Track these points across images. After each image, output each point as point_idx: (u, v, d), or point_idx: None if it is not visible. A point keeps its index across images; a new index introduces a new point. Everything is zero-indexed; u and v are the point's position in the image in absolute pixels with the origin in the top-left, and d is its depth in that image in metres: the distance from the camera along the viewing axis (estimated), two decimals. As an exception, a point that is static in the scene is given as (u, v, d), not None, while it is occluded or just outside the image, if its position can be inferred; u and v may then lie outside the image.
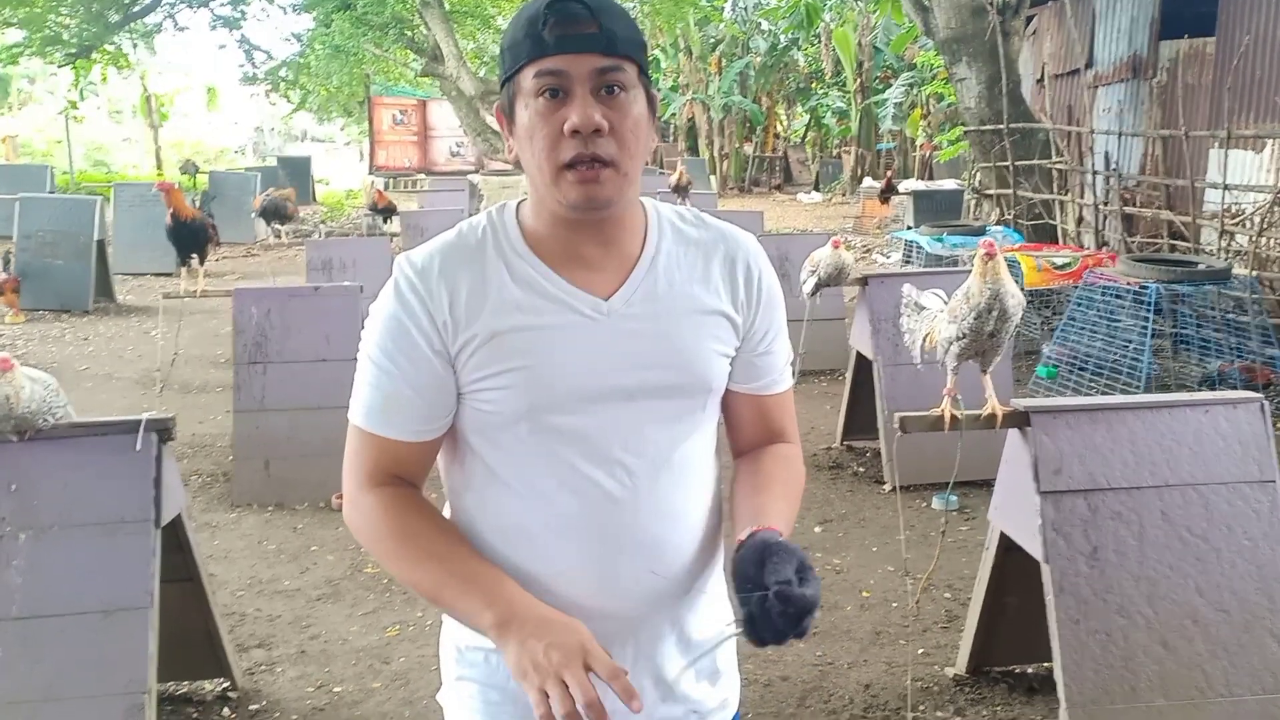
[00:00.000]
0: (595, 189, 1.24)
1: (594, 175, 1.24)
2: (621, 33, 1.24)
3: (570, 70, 1.22)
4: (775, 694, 3.26)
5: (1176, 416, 2.80)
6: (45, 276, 9.81)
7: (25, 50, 19.03)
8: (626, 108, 1.25)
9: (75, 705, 2.61)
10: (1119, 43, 10.66)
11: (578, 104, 1.22)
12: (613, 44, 1.23)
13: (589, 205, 1.26)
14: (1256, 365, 6.10)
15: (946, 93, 15.97)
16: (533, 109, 1.24)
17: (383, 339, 1.30)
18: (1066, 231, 9.37)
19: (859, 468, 5.45)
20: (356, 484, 1.34)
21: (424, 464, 1.36)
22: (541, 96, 1.23)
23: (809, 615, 1.16)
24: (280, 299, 5.15)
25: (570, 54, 1.22)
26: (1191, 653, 2.66)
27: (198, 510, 4.86)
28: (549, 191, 1.27)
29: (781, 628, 1.15)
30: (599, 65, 1.22)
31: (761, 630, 1.16)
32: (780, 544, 1.22)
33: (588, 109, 1.22)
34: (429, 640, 3.58)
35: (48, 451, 2.76)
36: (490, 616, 1.20)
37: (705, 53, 25.19)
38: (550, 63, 1.22)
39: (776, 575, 1.17)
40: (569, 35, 1.21)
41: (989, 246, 2.91)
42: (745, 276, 1.39)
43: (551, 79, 1.22)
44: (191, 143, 33.89)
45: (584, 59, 1.22)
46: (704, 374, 1.35)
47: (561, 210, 1.28)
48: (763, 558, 1.20)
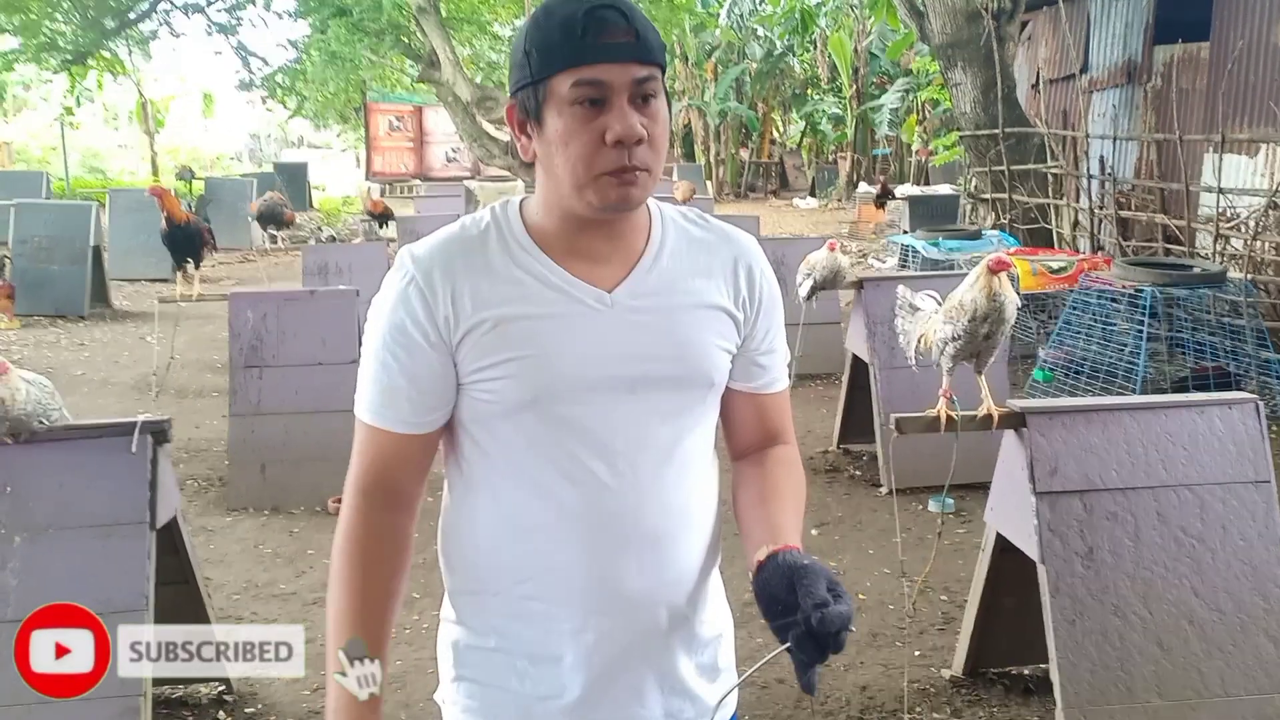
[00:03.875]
0: (633, 191, 1.26)
1: (633, 179, 1.25)
2: (653, 40, 1.24)
3: (610, 80, 1.21)
4: (772, 696, 3.26)
5: (1171, 417, 2.81)
6: (41, 282, 9.79)
7: (20, 56, 19.01)
8: (659, 114, 1.26)
9: (70, 708, 2.60)
10: (1114, 48, 10.69)
11: (618, 114, 1.22)
12: (649, 52, 1.23)
13: (623, 206, 1.27)
14: (1227, 366, 6.11)
15: (942, 98, 16.01)
16: (569, 116, 1.23)
17: (382, 332, 1.31)
18: (1062, 235, 9.39)
19: (855, 471, 5.45)
20: (353, 482, 1.36)
21: (422, 461, 1.36)
22: (579, 104, 1.23)
23: (847, 629, 1.15)
24: (276, 303, 5.15)
25: (610, 63, 1.21)
26: (1187, 653, 2.67)
27: (194, 514, 4.85)
28: (575, 195, 1.26)
29: (824, 646, 1.14)
30: (638, 75, 1.22)
31: (807, 652, 1.15)
32: (808, 566, 1.20)
33: (630, 120, 1.22)
34: (425, 643, 3.57)
35: (43, 454, 2.76)
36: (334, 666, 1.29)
37: (701, 59, 25.23)
38: (590, 72, 1.21)
39: (812, 598, 1.15)
40: (609, 44, 1.21)
41: (998, 264, 2.91)
42: (747, 277, 1.39)
43: (591, 89, 1.22)
44: (188, 149, 33.86)
45: (624, 68, 1.22)
46: (706, 367, 1.35)
47: (587, 212, 1.28)
48: (791, 581, 1.18)
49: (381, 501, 1.34)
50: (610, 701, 1.34)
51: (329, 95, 21.25)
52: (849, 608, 1.16)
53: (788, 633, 1.16)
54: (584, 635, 1.32)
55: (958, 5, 9.75)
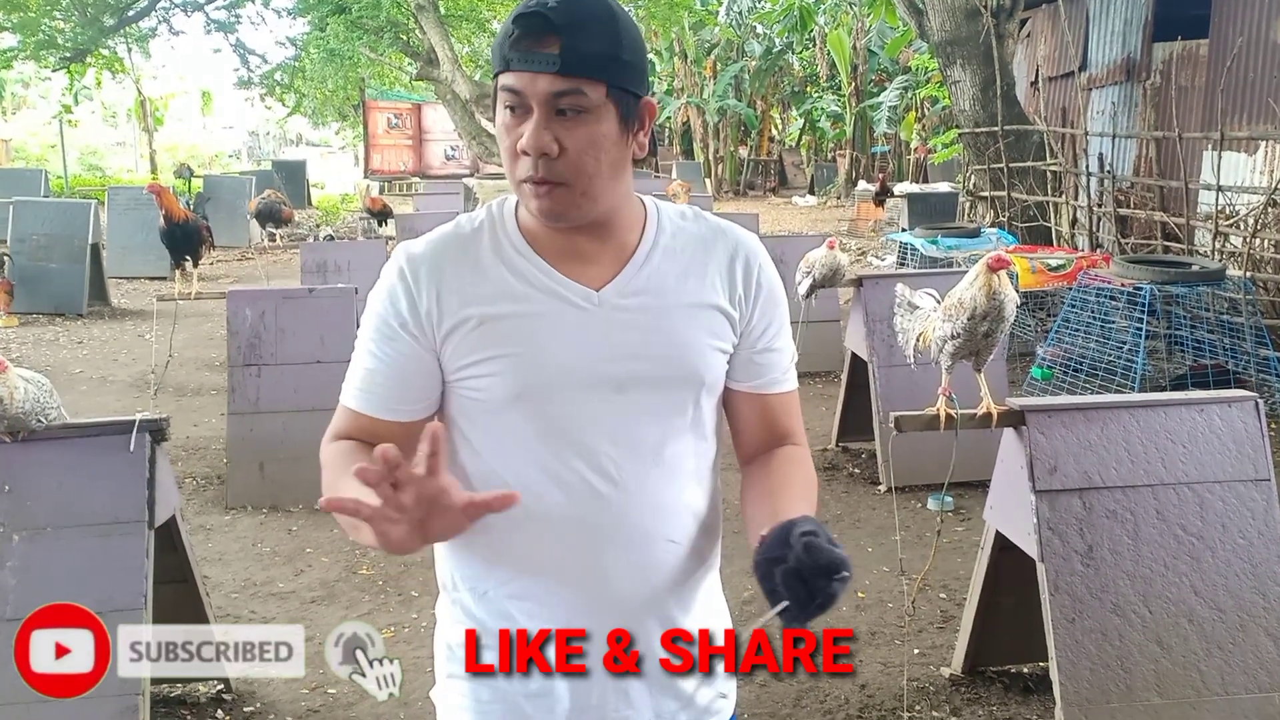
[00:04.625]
0: (548, 204, 1.25)
1: (546, 193, 1.25)
2: (588, 49, 1.20)
3: (526, 90, 1.21)
4: (771, 694, 3.26)
5: (1171, 415, 2.81)
6: (39, 280, 9.78)
7: (19, 54, 19.02)
8: (584, 129, 1.22)
9: (69, 706, 2.59)
10: (1112, 45, 10.69)
11: (531, 125, 1.22)
12: (572, 65, 1.19)
13: (548, 219, 1.28)
14: (1226, 364, 6.12)
15: (941, 96, 16.01)
16: (500, 118, 1.26)
17: (369, 323, 1.33)
18: (1061, 233, 9.39)
19: (854, 469, 5.45)
20: (326, 441, 1.36)
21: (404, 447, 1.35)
22: (506, 109, 1.24)
23: (839, 574, 1.10)
24: (274, 301, 5.14)
25: (527, 72, 1.21)
26: (1187, 651, 2.67)
27: (192, 513, 4.85)
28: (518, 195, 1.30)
29: (810, 585, 1.09)
30: (555, 88, 1.20)
31: (794, 593, 1.10)
32: (805, 517, 1.17)
33: (538, 132, 1.21)
34: (424, 642, 3.57)
35: (41, 452, 2.76)
36: None
37: (700, 56, 25.21)
38: (509, 79, 1.22)
39: (801, 530, 1.13)
40: (527, 54, 1.20)
41: (997, 262, 2.91)
42: (744, 272, 1.37)
43: (511, 95, 1.23)
44: (186, 147, 33.87)
45: (540, 79, 1.20)
46: (696, 367, 1.33)
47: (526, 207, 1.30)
48: (786, 534, 1.14)
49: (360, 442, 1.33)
50: (599, 703, 1.34)
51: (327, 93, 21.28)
52: (842, 554, 1.11)
53: (776, 580, 1.11)
54: None
55: (957, 2, 9.74)
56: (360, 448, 1.31)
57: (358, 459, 1.24)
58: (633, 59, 1.25)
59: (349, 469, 1.19)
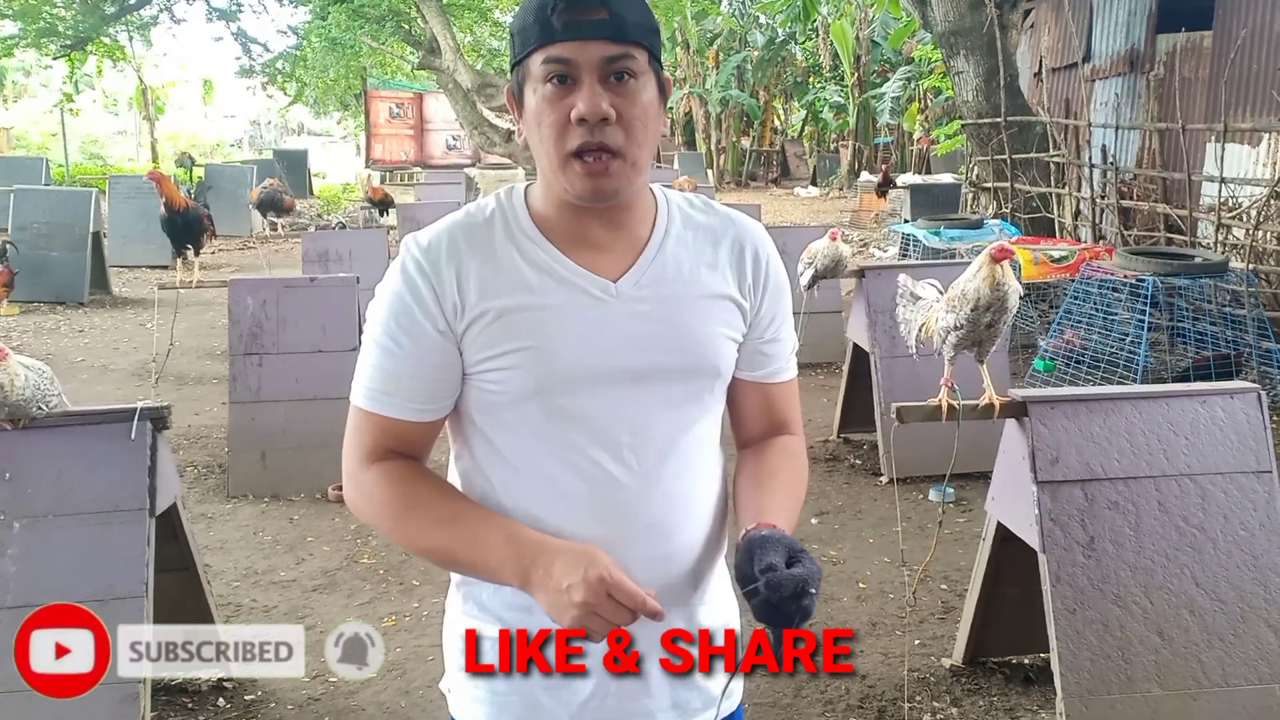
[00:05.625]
0: (603, 181, 1.24)
1: (602, 167, 1.24)
2: (631, 17, 1.22)
3: (578, 58, 1.21)
4: (772, 685, 3.26)
5: (1173, 407, 2.80)
6: (40, 268, 9.78)
7: (20, 42, 18.98)
8: (635, 95, 1.24)
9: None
10: (1116, 36, 10.65)
11: (585, 92, 1.21)
12: (622, 30, 1.21)
13: (595, 197, 1.26)
14: (1229, 353, 6.11)
15: (944, 86, 15.95)
16: (540, 94, 1.23)
17: (387, 319, 1.29)
18: (1063, 225, 9.37)
19: (856, 460, 5.45)
20: (356, 460, 1.33)
21: (426, 442, 1.36)
22: (549, 83, 1.22)
23: (806, 593, 1.15)
24: (276, 290, 5.14)
25: (578, 40, 1.20)
26: (1188, 642, 2.67)
27: (193, 501, 4.85)
28: (555, 178, 1.27)
29: (783, 610, 1.16)
30: (608, 53, 1.21)
31: (769, 618, 1.17)
32: (765, 536, 1.22)
33: (595, 97, 1.21)
34: (425, 630, 3.57)
35: (42, 440, 2.75)
36: (510, 571, 1.22)
37: (703, 46, 25.15)
38: (558, 49, 1.21)
39: (762, 565, 1.18)
40: (577, 21, 1.20)
41: (1001, 252, 2.90)
42: (753, 262, 1.38)
43: (559, 66, 1.21)
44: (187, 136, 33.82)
45: (592, 46, 1.20)
46: (712, 358, 1.34)
47: (570, 199, 1.28)
48: (751, 553, 1.20)
49: (390, 457, 1.33)
50: (617, 692, 1.33)
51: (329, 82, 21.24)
52: (806, 570, 1.17)
53: (752, 611, 1.19)
54: None
55: (960, -7, 9.70)
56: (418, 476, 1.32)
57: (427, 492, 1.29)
58: (658, 31, 1.28)
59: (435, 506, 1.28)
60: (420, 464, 1.35)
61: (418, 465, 1.34)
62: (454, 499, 1.32)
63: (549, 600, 1.18)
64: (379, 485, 1.31)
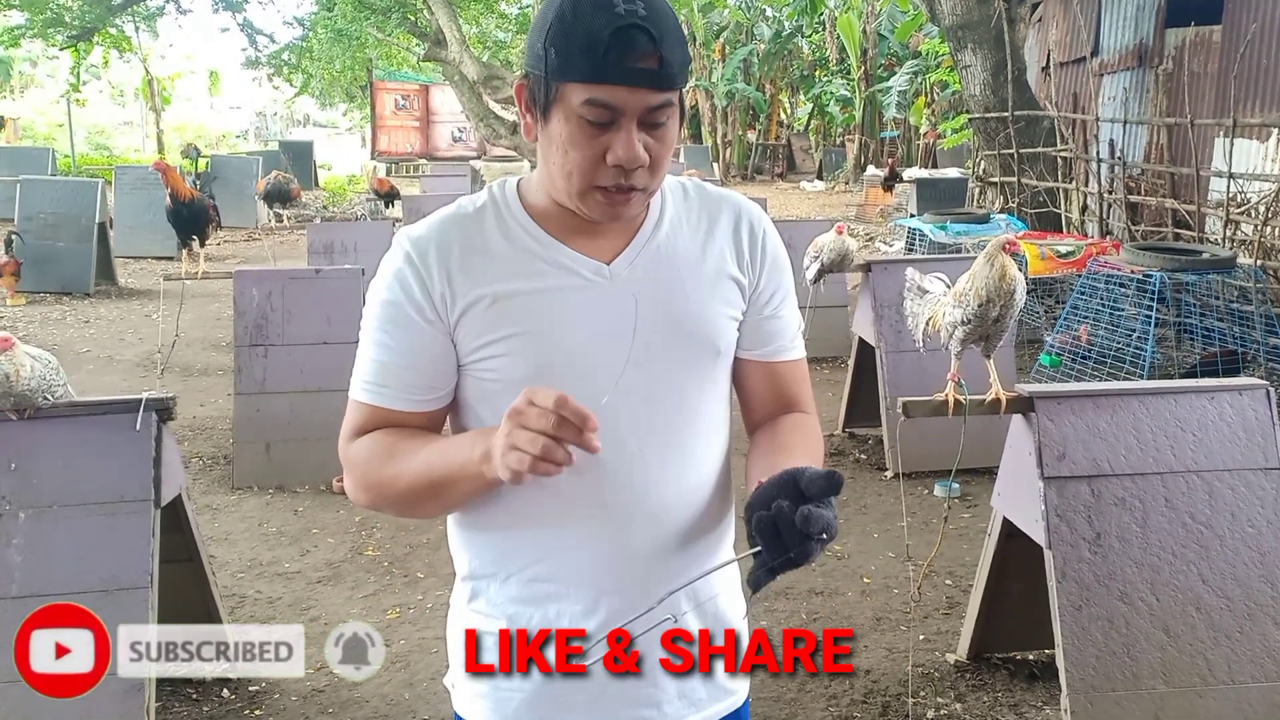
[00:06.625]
0: (622, 210, 1.25)
1: (624, 199, 1.23)
2: (678, 61, 1.19)
3: (623, 105, 1.18)
4: (776, 679, 3.26)
5: (1181, 403, 2.79)
6: (47, 259, 9.79)
7: (27, 33, 19.00)
8: (667, 137, 1.22)
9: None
10: (1125, 30, 10.60)
11: (625, 138, 1.19)
12: (671, 79, 1.18)
13: (610, 221, 1.27)
14: (1236, 349, 6.09)
15: (951, 80, 15.92)
16: (575, 126, 1.20)
17: (380, 313, 1.30)
18: (1070, 219, 9.34)
19: (861, 455, 5.44)
20: (346, 440, 1.33)
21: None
22: (587, 119, 1.19)
23: (819, 538, 1.08)
24: (281, 281, 5.14)
25: (627, 87, 1.17)
26: (1194, 639, 2.66)
27: (198, 493, 4.86)
28: (568, 198, 1.26)
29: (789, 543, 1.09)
30: (652, 102, 1.19)
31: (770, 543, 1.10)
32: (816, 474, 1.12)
33: (635, 146, 1.19)
34: (429, 623, 3.57)
35: (48, 430, 2.75)
36: (476, 453, 1.18)
37: (709, 39, 25.10)
38: (604, 93, 1.17)
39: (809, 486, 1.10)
40: (630, 68, 1.16)
41: (1010, 243, 2.89)
42: (749, 237, 1.37)
43: (603, 112, 1.18)
44: (194, 127, 33.83)
45: (640, 94, 1.18)
46: (711, 337, 1.33)
47: (580, 215, 1.27)
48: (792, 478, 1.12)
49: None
50: (623, 682, 1.33)
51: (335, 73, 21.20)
52: (833, 517, 1.09)
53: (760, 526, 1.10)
54: (595, 615, 1.30)
55: (968, -14, 9.67)
56: (400, 431, 1.29)
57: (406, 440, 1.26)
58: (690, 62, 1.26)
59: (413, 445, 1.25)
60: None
61: (402, 430, 1.31)
62: (433, 438, 1.30)
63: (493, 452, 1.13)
64: (362, 448, 1.30)
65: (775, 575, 1.11)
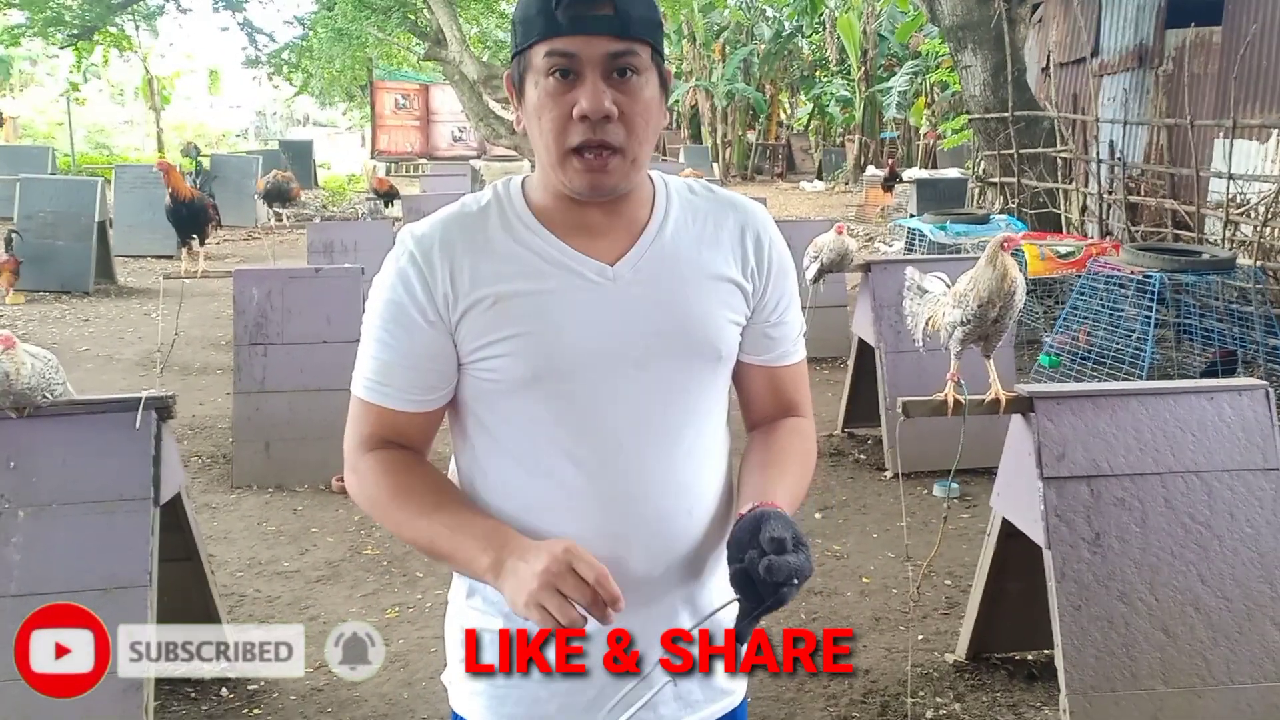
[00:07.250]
0: (602, 178, 1.24)
1: (601, 164, 1.23)
2: (636, 13, 1.21)
3: (581, 53, 1.19)
4: (775, 679, 3.26)
5: (1180, 403, 2.79)
6: (46, 258, 9.78)
7: (27, 31, 18.98)
8: (637, 92, 1.23)
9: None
10: (1125, 31, 10.60)
11: (588, 88, 1.20)
12: (626, 26, 1.20)
13: (593, 193, 1.26)
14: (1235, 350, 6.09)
15: (951, 81, 15.91)
16: (542, 88, 1.22)
17: (382, 311, 1.30)
18: (1070, 220, 9.34)
19: (860, 455, 5.44)
20: (355, 448, 1.34)
21: (425, 433, 1.35)
22: (551, 76, 1.21)
23: (790, 583, 1.14)
24: (281, 280, 5.14)
25: (583, 35, 1.19)
26: (1193, 640, 2.66)
27: (197, 491, 4.85)
28: (554, 172, 1.26)
29: (762, 592, 1.14)
30: (611, 49, 1.20)
31: (746, 592, 1.16)
32: (778, 513, 1.20)
33: (598, 94, 1.20)
34: (428, 622, 3.57)
35: (47, 428, 2.75)
36: (485, 560, 1.20)
37: (709, 39, 25.09)
38: (561, 43, 1.20)
39: (770, 534, 1.16)
40: (582, 16, 1.18)
41: (1010, 242, 2.90)
42: (755, 245, 1.37)
43: (562, 60, 1.20)
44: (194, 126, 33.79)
45: (596, 41, 1.19)
46: (713, 341, 1.33)
47: (567, 192, 1.27)
48: (758, 525, 1.18)
49: (388, 446, 1.34)
50: (618, 683, 1.33)
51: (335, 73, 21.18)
52: (801, 562, 1.15)
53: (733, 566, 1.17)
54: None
55: (968, -13, 9.67)
56: (412, 467, 1.32)
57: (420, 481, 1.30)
58: (662, 25, 1.27)
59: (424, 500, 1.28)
60: (418, 456, 1.35)
61: (414, 456, 1.34)
62: (443, 491, 1.31)
63: (514, 585, 1.16)
64: (372, 473, 1.32)
65: (758, 621, 1.17)
